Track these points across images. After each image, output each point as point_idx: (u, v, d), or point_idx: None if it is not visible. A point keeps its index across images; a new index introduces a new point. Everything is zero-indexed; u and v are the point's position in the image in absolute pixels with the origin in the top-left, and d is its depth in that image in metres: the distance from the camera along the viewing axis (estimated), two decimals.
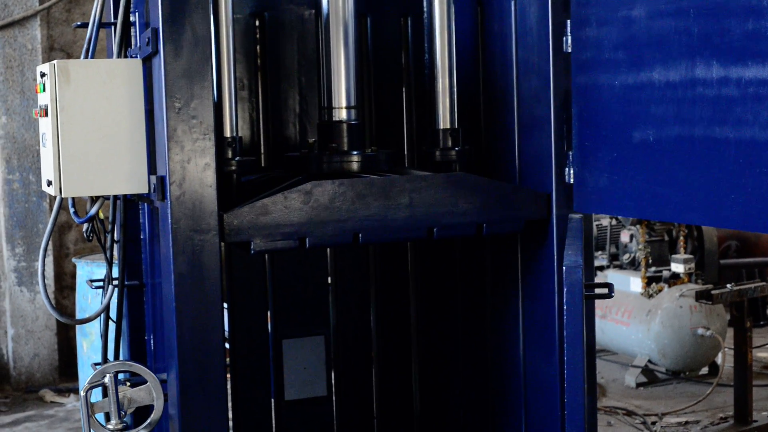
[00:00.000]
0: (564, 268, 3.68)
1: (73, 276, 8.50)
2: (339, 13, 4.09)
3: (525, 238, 4.08)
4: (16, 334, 8.39)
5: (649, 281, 8.28)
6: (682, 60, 3.27)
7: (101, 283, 4.42)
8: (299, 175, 4.06)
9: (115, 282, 4.16)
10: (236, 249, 4.42)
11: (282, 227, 3.62)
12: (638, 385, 7.95)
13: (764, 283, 6.85)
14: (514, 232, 4.01)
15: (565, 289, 3.67)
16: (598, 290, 3.93)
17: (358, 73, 4.18)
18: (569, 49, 3.80)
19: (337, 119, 4.12)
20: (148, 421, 3.72)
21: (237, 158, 3.92)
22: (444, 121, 4.26)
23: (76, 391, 7.91)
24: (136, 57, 3.80)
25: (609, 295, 3.91)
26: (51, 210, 8.08)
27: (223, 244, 3.58)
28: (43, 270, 4.14)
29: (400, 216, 3.75)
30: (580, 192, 3.83)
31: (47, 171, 3.75)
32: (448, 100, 4.26)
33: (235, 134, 3.92)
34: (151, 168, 3.70)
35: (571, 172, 3.84)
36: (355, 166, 4.05)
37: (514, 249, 4.16)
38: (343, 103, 4.12)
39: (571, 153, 3.84)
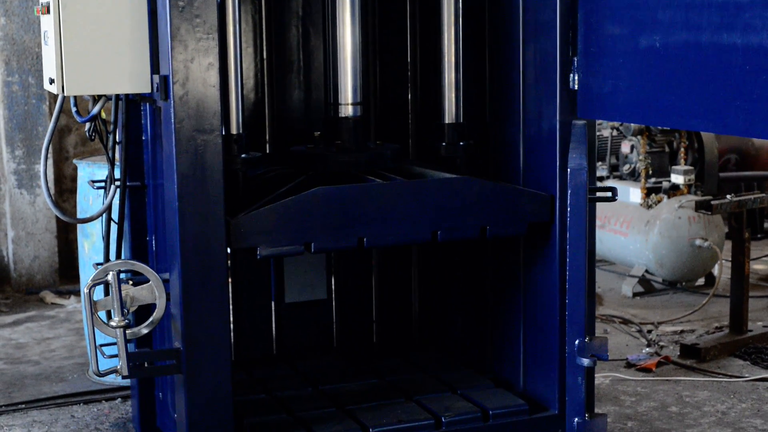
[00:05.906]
0: (569, 170, 3.68)
1: (73, 179, 8.49)
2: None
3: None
4: (16, 236, 8.41)
5: (648, 192, 8.26)
6: None
7: (103, 184, 4.42)
8: (304, 172, 4.07)
9: (117, 183, 4.17)
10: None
11: (287, 233, 3.64)
12: (635, 294, 7.99)
13: (764, 195, 6.84)
14: (518, 235, 4.03)
15: (569, 191, 3.68)
16: (600, 194, 3.95)
17: (364, 66, 4.19)
18: None
19: (343, 115, 4.14)
20: (151, 319, 3.74)
21: (243, 155, 3.93)
22: (450, 115, 4.29)
23: (76, 293, 7.94)
24: None
25: (613, 198, 3.94)
26: (51, 113, 8.05)
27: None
28: (45, 169, 4.14)
29: (405, 220, 3.77)
30: (584, 98, 3.81)
31: (49, 69, 3.72)
32: (453, 95, 4.28)
33: (240, 131, 3.92)
34: (154, 68, 3.68)
35: (576, 78, 3.82)
36: (360, 164, 4.08)
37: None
38: (350, 100, 4.14)
39: (576, 59, 3.81)
